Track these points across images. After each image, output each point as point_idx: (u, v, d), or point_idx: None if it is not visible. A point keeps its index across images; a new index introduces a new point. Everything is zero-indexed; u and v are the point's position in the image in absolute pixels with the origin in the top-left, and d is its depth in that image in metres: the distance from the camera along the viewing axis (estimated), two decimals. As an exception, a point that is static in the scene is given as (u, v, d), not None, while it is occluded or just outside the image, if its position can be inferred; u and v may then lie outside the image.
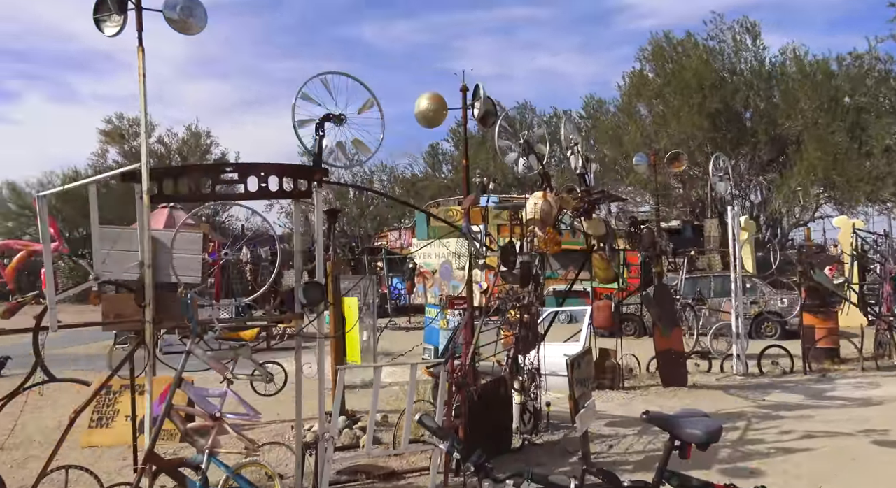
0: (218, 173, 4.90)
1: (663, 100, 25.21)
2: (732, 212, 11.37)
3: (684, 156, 11.19)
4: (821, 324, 12.15)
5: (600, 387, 9.64)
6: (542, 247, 7.37)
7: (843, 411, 8.43)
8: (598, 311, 9.57)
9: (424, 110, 6.16)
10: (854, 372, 11.26)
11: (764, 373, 11.22)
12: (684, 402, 8.96)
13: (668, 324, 9.89)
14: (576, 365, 5.91)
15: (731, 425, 7.68)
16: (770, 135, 24.96)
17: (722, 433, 3.09)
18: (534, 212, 7.53)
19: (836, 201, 24.37)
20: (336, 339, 7.14)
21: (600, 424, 7.70)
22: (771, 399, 9.21)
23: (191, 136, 42.53)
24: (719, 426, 2.98)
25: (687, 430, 2.95)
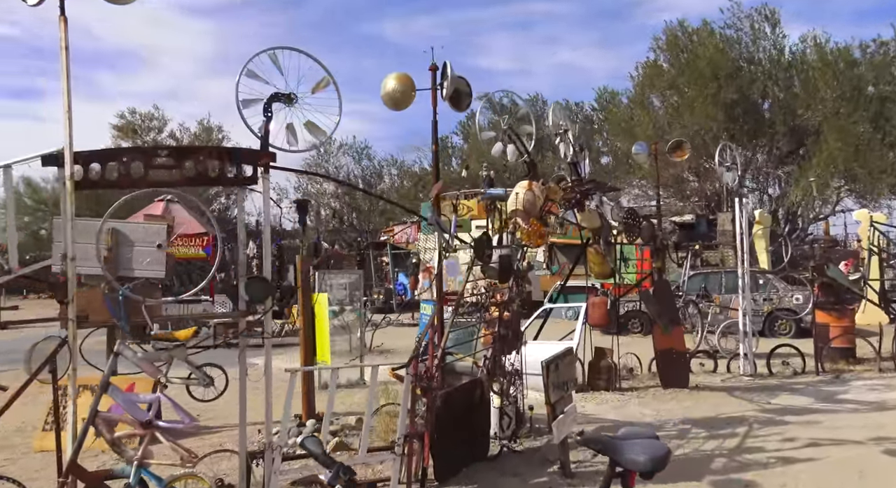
0: (151, 157, 4.49)
1: (677, 90, 24.47)
2: (740, 204, 10.78)
3: (687, 144, 10.61)
4: (835, 322, 11.52)
5: (595, 389, 9.15)
6: (524, 239, 6.90)
7: (854, 416, 7.85)
8: (593, 308, 9.06)
9: (391, 91, 5.70)
10: (871, 374, 10.63)
11: (773, 374, 10.63)
12: (684, 405, 8.43)
13: (668, 322, 9.35)
14: (552, 367, 5.43)
15: (731, 431, 7.15)
16: (789, 126, 24.14)
17: (670, 458, 2.60)
18: (517, 203, 7.07)
19: (858, 194, 23.51)
20: (306, 338, 6.72)
21: (588, 429, 7.20)
22: (777, 402, 8.64)
23: (202, 131, 42.42)
24: (666, 451, 2.50)
25: (629, 456, 2.48)
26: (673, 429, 7.26)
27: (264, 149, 4.80)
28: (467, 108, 6.19)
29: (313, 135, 5.05)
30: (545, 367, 5.33)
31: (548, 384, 5.33)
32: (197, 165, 4.54)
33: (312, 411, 6.77)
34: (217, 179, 4.66)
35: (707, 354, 11.00)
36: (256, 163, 4.73)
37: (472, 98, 6.17)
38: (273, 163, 4.78)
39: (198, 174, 4.54)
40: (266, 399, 4.71)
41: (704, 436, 6.96)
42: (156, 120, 42.00)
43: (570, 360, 5.84)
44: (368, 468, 5.86)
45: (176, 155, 4.55)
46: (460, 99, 6.08)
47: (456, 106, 6.05)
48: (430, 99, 5.87)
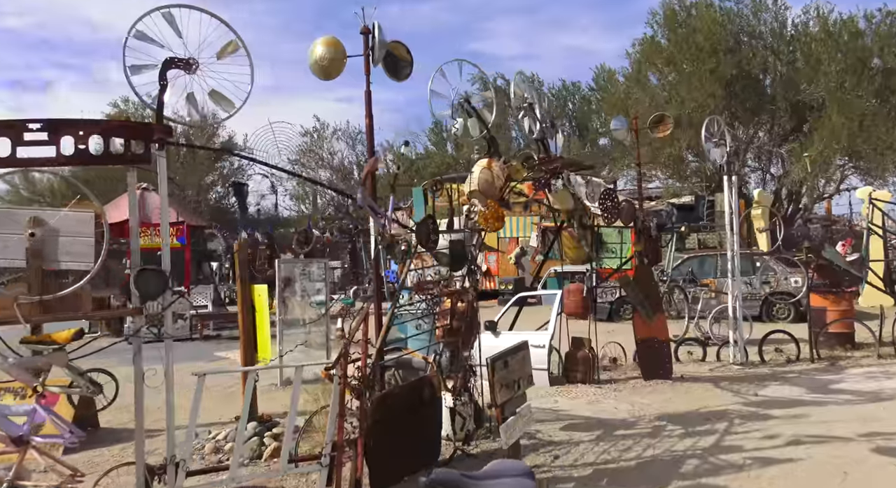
0: (20, 132, 3.92)
1: (675, 67, 23.64)
2: (729, 183, 10.14)
3: (669, 118, 9.94)
4: (833, 306, 10.93)
5: (571, 381, 8.61)
6: (481, 222, 6.32)
7: (846, 409, 7.27)
8: (569, 296, 8.48)
9: (318, 58, 5.09)
10: (869, 360, 10.04)
11: (766, 362, 10.06)
12: (664, 398, 7.87)
13: (650, 310, 8.78)
14: (500, 365, 4.88)
15: (709, 427, 6.59)
16: (791, 102, 23.29)
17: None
18: (473, 183, 6.50)
19: (862, 171, 22.70)
20: (245, 334, 6.19)
21: (555, 427, 6.67)
22: (765, 393, 8.07)
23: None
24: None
25: (488, 502, 1.92)
26: (647, 427, 6.70)
27: (158, 123, 4.24)
28: (407, 78, 5.58)
29: (221, 106, 4.48)
30: (490, 365, 4.77)
31: (494, 383, 4.77)
32: (77, 142, 3.98)
33: (256, 413, 6.25)
34: (103, 158, 4.10)
35: (697, 342, 10.42)
36: (149, 139, 4.17)
37: (412, 66, 5.55)
38: (169, 139, 4.22)
39: (78, 152, 3.98)
40: (167, 404, 4.19)
41: (679, 434, 6.40)
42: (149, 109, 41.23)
43: (522, 356, 5.28)
44: (302, 478, 5.35)
45: (51, 129, 3.98)
46: (398, 67, 5.47)
47: (393, 74, 5.44)
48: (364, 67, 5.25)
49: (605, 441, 6.21)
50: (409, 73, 5.55)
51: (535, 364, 8.50)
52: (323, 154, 32.84)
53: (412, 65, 5.55)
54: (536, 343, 8.51)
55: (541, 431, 6.52)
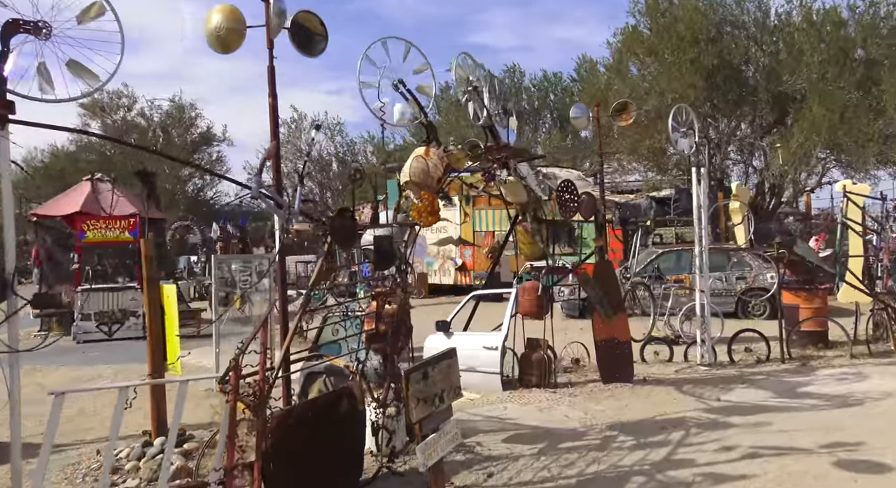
0: None
1: (656, 57, 23.12)
2: (698, 175, 9.66)
3: (633, 106, 9.45)
4: (805, 303, 10.51)
5: (526, 386, 8.13)
6: (415, 216, 5.80)
7: (810, 415, 6.84)
8: (524, 294, 7.98)
9: (214, 29, 4.53)
10: (842, 360, 9.63)
11: (735, 363, 9.63)
12: (620, 404, 7.41)
13: (610, 309, 8.30)
14: (416, 377, 4.37)
15: (663, 438, 6.13)
16: (772, 94, 22.84)
17: None
18: (408, 173, 5.98)
19: (844, 164, 22.31)
20: (154, 340, 5.65)
21: (497, 439, 6.19)
22: (728, 398, 7.62)
23: (175, 109, 40.96)
24: None
25: None
26: (596, 437, 6.23)
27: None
28: (321, 53, 5.01)
29: (83, 79, 3.91)
30: (405, 378, 4.26)
31: (408, 398, 4.26)
32: None
33: (164, 427, 5.73)
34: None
35: (666, 341, 9.97)
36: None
37: (326, 40, 4.98)
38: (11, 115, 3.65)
39: None
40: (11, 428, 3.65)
41: (630, 446, 5.94)
42: (125, 97, 40.53)
43: (448, 365, 4.77)
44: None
45: None
46: (310, 41, 4.89)
47: (304, 49, 4.87)
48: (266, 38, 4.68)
49: (548, 454, 5.73)
50: (323, 47, 4.98)
51: (487, 367, 8.09)
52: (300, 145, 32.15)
53: (327, 39, 4.98)
54: (489, 345, 8.06)
55: (481, 444, 6.03)
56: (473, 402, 7.63)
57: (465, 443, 6.02)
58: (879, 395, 7.60)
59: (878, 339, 10.49)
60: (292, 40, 4.75)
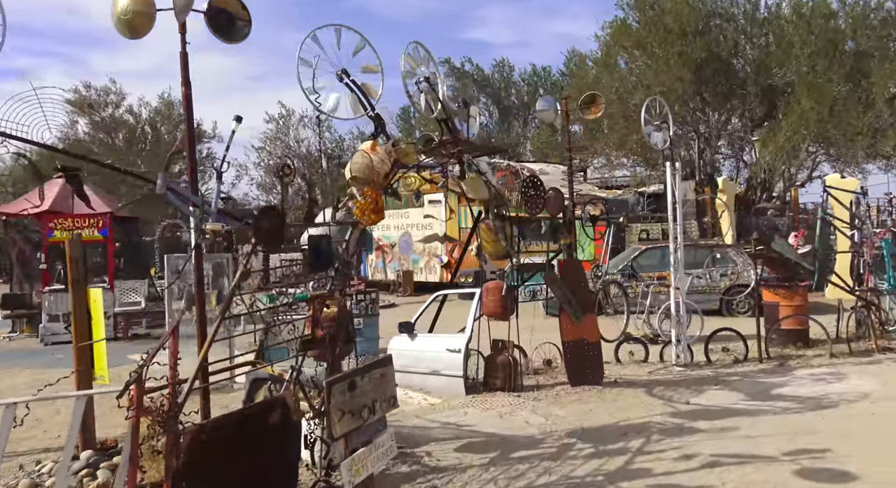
0: None
1: (644, 50, 22.82)
2: (672, 169, 9.38)
3: (601, 99, 9.16)
4: (785, 301, 10.24)
5: (491, 389, 7.85)
6: (357, 214, 5.51)
7: (780, 419, 6.57)
8: (487, 295, 7.70)
9: (122, 10, 4.21)
10: (821, 360, 9.38)
11: (712, 363, 9.37)
12: (585, 409, 7.13)
13: (578, 309, 8.02)
14: (341, 388, 4.09)
15: (622, 446, 5.85)
16: (762, 87, 22.56)
17: None
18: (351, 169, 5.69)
19: (833, 158, 22.03)
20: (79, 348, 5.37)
21: (449, 448, 5.91)
22: (698, 401, 7.35)
23: (164, 105, 40.58)
24: None
25: None
26: (553, 445, 5.96)
27: None
28: (243, 39, 4.70)
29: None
30: (326, 389, 3.99)
31: (331, 411, 3.98)
32: None
33: (92, 440, 5.45)
34: None
35: (642, 341, 9.71)
36: None
37: (250, 25, 4.67)
38: None
39: None
40: None
41: (586, 455, 5.67)
42: (113, 94, 40.17)
43: (381, 375, 4.49)
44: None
45: None
46: (231, 25, 4.58)
47: (224, 35, 4.56)
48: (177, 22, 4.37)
49: (499, 465, 5.46)
50: (246, 33, 4.66)
51: (450, 371, 7.82)
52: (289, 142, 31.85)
53: (250, 23, 4.65)
54: (452, 347, 7.79)
55: (431, 453, 5.76)
56: (434, 407, 7.36)
57: (415, 453, 5.76)
58: (855, 397, 7.34)
59: (860, 338, 10.24)
60: (209, 25, 4.44)
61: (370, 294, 10.14)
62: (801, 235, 10.36)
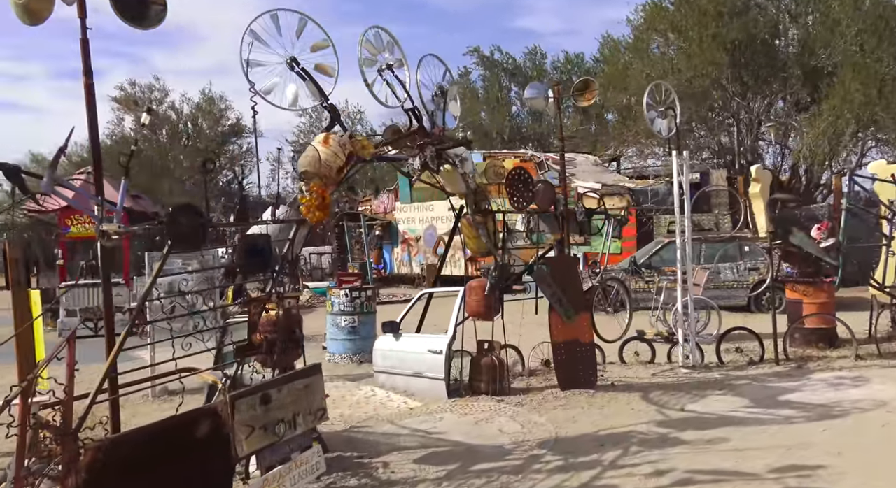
0: None
1: (679, 33, 21.84)
2: (679, 157, 8.80)
3: (595, 84, 8.62)
4: (809, 298, 9.54)
5: (475, 392, 7.48)
6: (304, 211, 5.23)
7: (779, 429, 6.03)
8: (470, 294, 7.32)
9: (20, -7, 3.98)
10: (844, 362, 8.69)
11: (724, 364, 8.79)
12: (568, 415, 6.71)
13: (570, 308, 7.57)
14: (249, 403, 3.81)
15: (595, 458, 5.43)
16: (805, 69, 21.35)
17: None
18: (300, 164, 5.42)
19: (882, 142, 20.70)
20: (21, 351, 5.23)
21: (409, 459, 5.58)
22: (694, 407, 6.84)
23: (205, 101, 41.26)
24: None
25: None
26: (521, 457, 5.57)
27: None
28: (157, 25, 4.41)
29: None
30: (230, 403, 3.71)
31: (234, 427, 3.70)
32: None
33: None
34: None
35: (645, 340, 9.18)
36: None
37: (165, 10, 4.37)
38: None
39: None
40: None
41: (552, 468, 5.27)
42: (156, 91, 41.03)
43: (304, 386, 4.19)
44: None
45: None
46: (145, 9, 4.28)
47: (134, 20, 4.27)
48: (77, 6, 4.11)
49: (455, 479, 5.11)
50: (161, 18, 4.35)
51: (432, 373, 7.49)
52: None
53: (166, 7, 4.35)
54: (434, 348, 7.45)
55: (388, 464, 5.44)
56: (412, 411, 7.04)
57: (371, 464, 5.46)
58: (871, 405, 6.71)
59: (893, 338, 9.47)
60: (114, 7, 4.17)
61: (366, 291, 9.89)
62: (824, 227, 9.61)
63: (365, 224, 21.39)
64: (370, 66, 5.98)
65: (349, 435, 6.30)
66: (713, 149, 24.24)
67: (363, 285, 10.18)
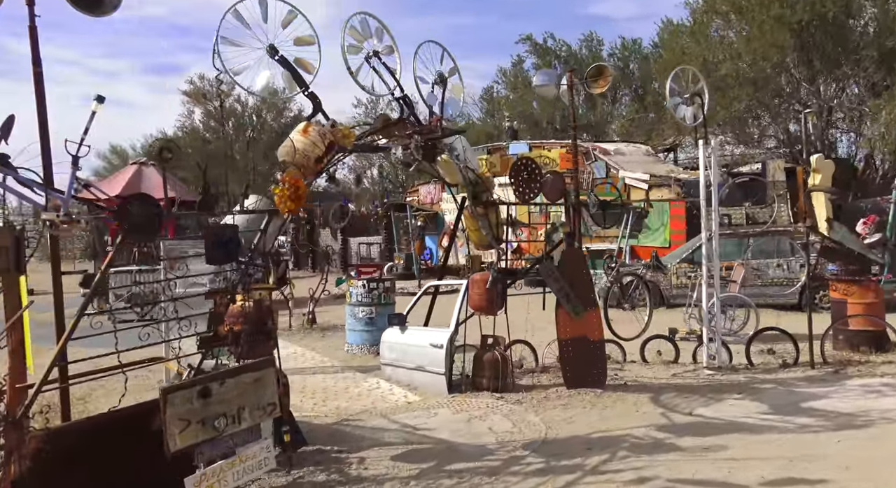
0: None
1: (740, 14, 20.72)
2: (705, 147, 8.30)
3: (609, 70, 8.18)
4: (855, 298, 8.86)
5: (477, 388, 7.29)
6: (277, 202, 5.17)
7: (789, 439, 5.59)
8: (473, 288, 7.12)
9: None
10: (889, 368, 8.02)
11: (753, 366, 8.27)
12: (564, 416, 6.43)
13: (578, 303, 7.27)
14: (185, 396, 3.76)
15: (578, 463, 5.17)
16: (882, 50, 19.89)
17: None
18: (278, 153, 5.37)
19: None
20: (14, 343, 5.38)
21: (386, 455, 5.47)
22: (703, 412, 6.44)
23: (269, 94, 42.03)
24: None
25: None
26: (503, 457, 5.37)
27: None
28: (112, 12, 4.38)
29: None
30: (161, 396, 3.67)
31: (167, 421, 3.66)
32: None
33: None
34: None
35: (670, 339, 8.76)
36: None
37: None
38: None
39: None
40: None
41: (530, 471, 5.04)
42: (224, 84, 42.17)
43: (252, 379, 4.11)
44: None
45: None
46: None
47: (88, 8, 4.25)
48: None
49: (425, 478, 4.96)
50: (116, 4, 4.32)
51: (434, 367, 7.35)
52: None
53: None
54: (436, 342, 7.31)
55: (364, 460, 5.35)
56: (409, 406, 6.93)
57: (348, 459, 5.38)
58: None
59: (948, 342, 8.69)
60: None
61: (383, 282, 9.82)
62: (870, 222, 8.87)
63: (412, 214, 21.37)
64: (355, 53, 5.85)
65: (338, 428, 6.24)
66: (779, 137, 22.96)
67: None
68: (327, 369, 8.83)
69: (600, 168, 18.28)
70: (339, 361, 9.27)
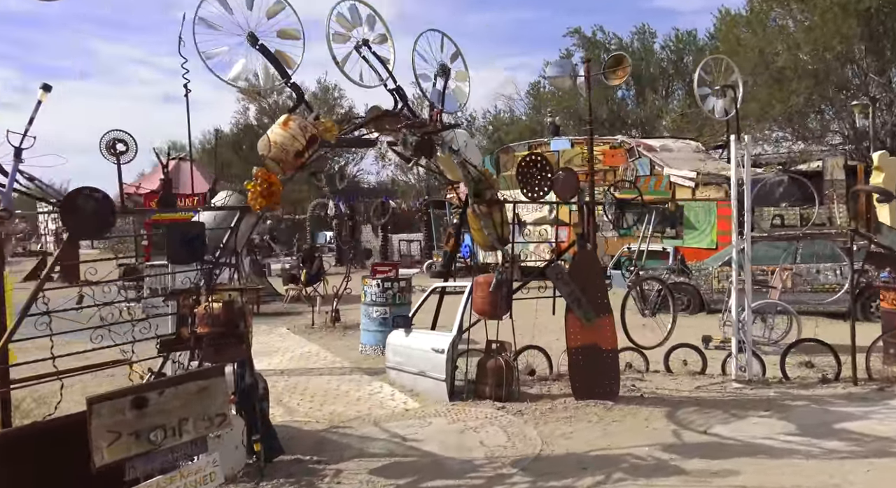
0: None
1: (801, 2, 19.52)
2: (738, 143, 7.67)
3: (627, 60, 7.60)
4: (908, 306, 8.07)
5: (479, 396, 6.91)
6: (249, 198, 4.93)
7: (812, 464, 5.04)
8: (477, 291, 6.74)
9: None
10: (943, 386, 7.25)
11: (788, 380, 7.62)
12: (570, 429, 6.00)
13: (590, 309, 6.80)
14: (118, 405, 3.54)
15: (565, 484, 4.75)
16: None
17: None
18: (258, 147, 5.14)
19: None
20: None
21: (366, 468, 5.17)
22: (719, 431, 5.89)
23: (321, 90, 42.63)
24: None
25: None
26: (488, 474, 5.00)
27: None
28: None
29: None
30: (88, 407, 3.44)
31: (92, 433, 3.43)
32: None
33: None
34: None
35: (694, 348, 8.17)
36: None
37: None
38: None
39: None
40: None
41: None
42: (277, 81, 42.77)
43: (198, 388, 3.84)
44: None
45: None
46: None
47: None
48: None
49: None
50: None
51: (435, 373, 7.01)
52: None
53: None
54: (437, 346, 6.97)
55: (340, 473, 5.07)
56: (406, 413, 6.62)
57: (324, 471, 5.11)
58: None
59: None
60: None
61: (399, 282, 9.53)
62: (923, 223, 8.09)
63: (451, 211, 21.04)
64: (342, 42, 5.55)
65: (325, 435, 5.98)
66: (844, 133, 21.61)
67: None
68: (335, 370, 8.60)
69: (644, 165, 17.52)
70: (350, 362, 9.03)
